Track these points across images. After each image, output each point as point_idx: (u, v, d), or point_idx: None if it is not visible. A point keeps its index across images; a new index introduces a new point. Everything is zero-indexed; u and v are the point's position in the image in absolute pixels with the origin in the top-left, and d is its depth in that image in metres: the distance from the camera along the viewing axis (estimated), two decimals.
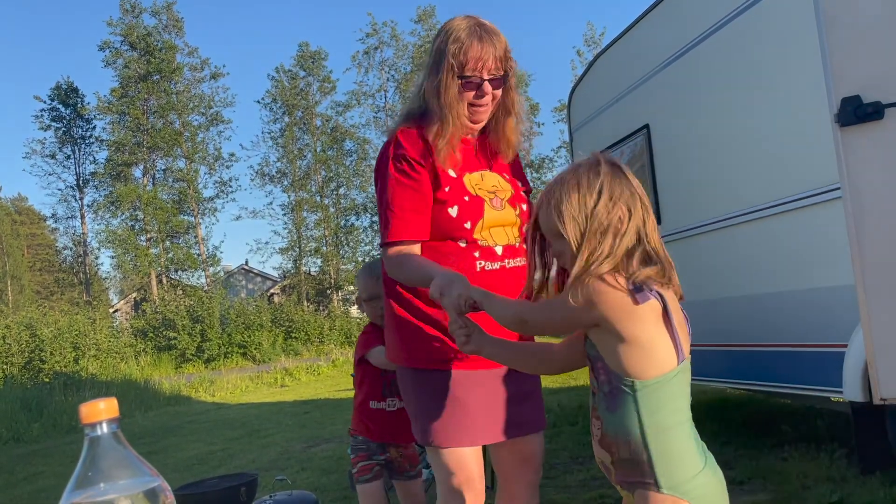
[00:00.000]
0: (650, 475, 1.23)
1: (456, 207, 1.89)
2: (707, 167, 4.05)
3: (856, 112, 2.61)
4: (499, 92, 1.87)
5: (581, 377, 7.44)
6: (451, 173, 1.90)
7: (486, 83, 1.84)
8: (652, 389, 1.23)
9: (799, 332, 3.45)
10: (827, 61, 2.68)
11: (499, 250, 1.91)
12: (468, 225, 1.89)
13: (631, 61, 4.83)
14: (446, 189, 1.88)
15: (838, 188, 2.75)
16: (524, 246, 1.88)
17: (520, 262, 1.91)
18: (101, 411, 0.76)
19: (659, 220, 4.62)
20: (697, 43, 4.02)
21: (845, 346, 3.03)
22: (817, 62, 2.77)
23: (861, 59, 2.65)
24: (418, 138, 1.89)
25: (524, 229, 1.41)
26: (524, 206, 1.98)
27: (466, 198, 1.90)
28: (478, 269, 1.89)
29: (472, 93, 1.85)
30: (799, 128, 3.29)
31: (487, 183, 1.95)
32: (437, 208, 1.88)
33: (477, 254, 1.89)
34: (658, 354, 1.23)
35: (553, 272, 1.41)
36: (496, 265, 1.91)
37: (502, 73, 1.85)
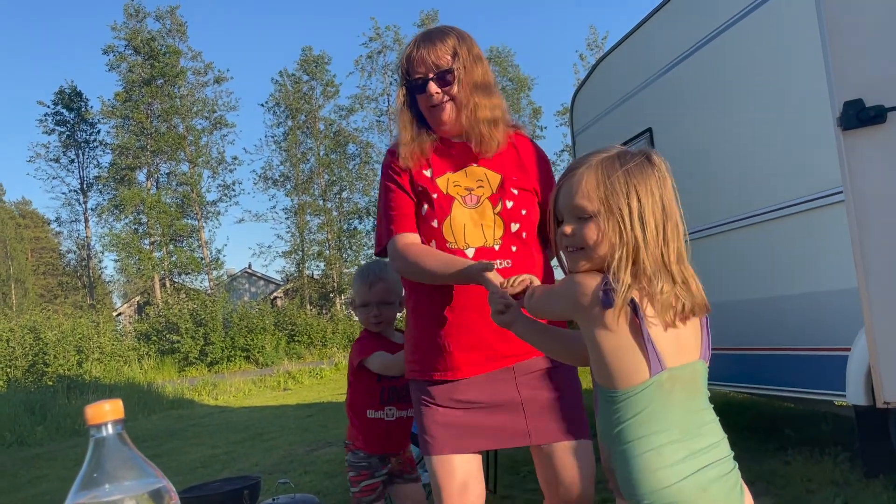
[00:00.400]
0: (619, 484, 1.20)
1: (425, 206, 1.91)
2: (710, 171, 4.06)
3: (858, 116, 2.62)
4: (451, 88, 1.87)
5: None
6: (426, 173, 1.93)
7: (430, 82, 1.86)
8: (620, 399, 1.19)
9: (802, 336, 3.45)
10: (829, 65, 2.69)
11: (470, 252, 1.85)
12: (435, 224, 1.89)
13: (634, 65, 4.84)
14: (419, 189, 1.92)
15: (841, 192, 2.75)
16: (514, 248, 1.88)
17: (498, 264, 1.82)
18: (106, 413, 0.77)
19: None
20: (700, 47, 4.03)
21: (848, 349, 3.03)
22: (819, 65, 2.78)
23: (863, 63, 2.66)
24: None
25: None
26: (509, 203, 1.88)
27: (435, 195, 1.90)
28: None
29: (422, 95, 1.89)
30: (801, 131, 3.29)
31: (470, 180, 1.92)
32: (416, 210, 1.94)
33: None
34: (623, 365, 1.18)
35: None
36: None
37: (445, 70, 1.86)
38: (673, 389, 1.18)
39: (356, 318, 20.26)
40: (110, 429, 0.77)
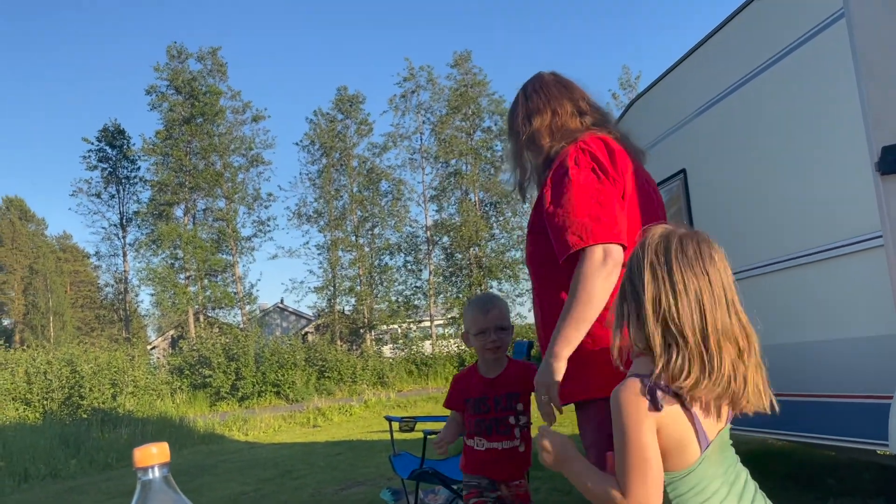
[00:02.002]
0: None
1: None
2: (744, 213, 4.02)
3: None
4: (509, 153, 2.20)
5: None
6: None
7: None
8: (677, 478, 1.26)
9: (843, 383, 3.37)
10: (867, 109, 2.68)
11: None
12: None
13: (668, 106, 4.85)
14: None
15: (880, 236, 2.71)
16: (532, 293, 2.07)
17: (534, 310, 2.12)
18: (153, 456, 0.79)
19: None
20: (735, 89, 4.03)
21: (891, 397, 2.95)
22: (857, 109, 2.76)
23: None
24: None
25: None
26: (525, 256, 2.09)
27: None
28: None
29: None
30: (838, 175, 3.26)
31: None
32: None
33: None
34: (675, 451, 1.24)
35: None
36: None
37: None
38: (713, 455, 1.28)
39: (387, 355, 20.37)
40: (157, 472, 0.80)
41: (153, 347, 31.75)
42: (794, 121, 3.56)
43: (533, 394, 1.93)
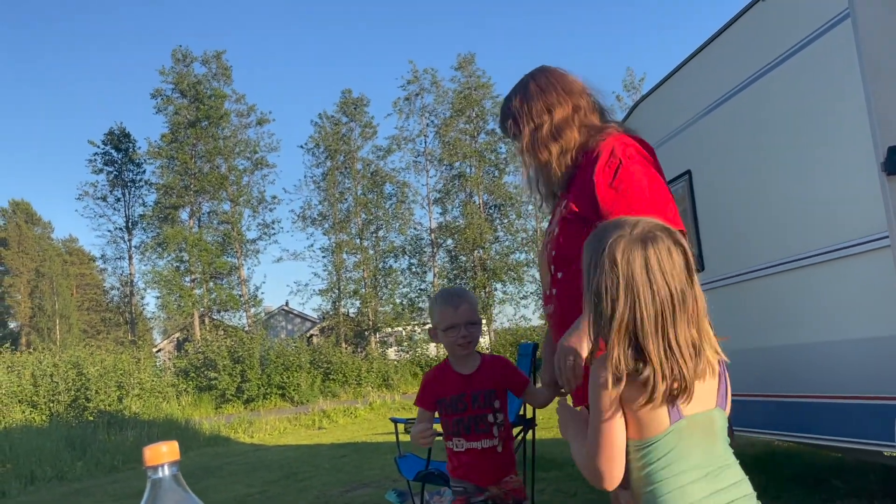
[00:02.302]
0: None
1: None
2: (750, 214, 4.02)
3: None
4: (524, 144, 2.07)
5: None
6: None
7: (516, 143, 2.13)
8: (645, 445, 1.31)
9: (849, 384, 3.36)
10: (872, 110, 2.67)
11: (546, 296, 2.05)
12: None
13: (672, 107, 4.85)
14: None
15: (886, 237, 2.71)
16: (554, 291, 1.97)
17: (551, 309, 2.00)
18: (163, 454, 0.80)
19: (701, 268, 4.57)
20: (740, 90, 4.03)
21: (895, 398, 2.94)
22: (862, 110, 2.76)
23: None
24: None
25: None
26: (549, 247, 2.02)
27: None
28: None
29: None
30: (844, 176, 3.25)
31: (553, 225, 2.09)
32: None
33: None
34: (646, 419, 1.30)
35: None
36: (544, 311, 2.08)
37: (512, 135, 2.11)
38: (689, 433, 1.30)
39: (392, 357, 20.37)
40: (167, 470, 0.80)
41: (159, 350, 31.83)
42: (800, 121, 3.55)
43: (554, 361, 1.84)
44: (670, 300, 1.26)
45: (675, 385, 1.25)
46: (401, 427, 4.76)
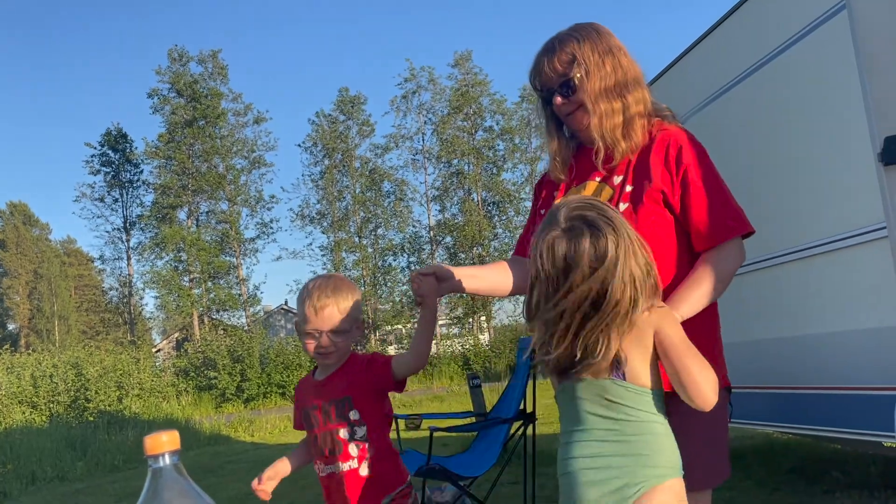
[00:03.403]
0: None
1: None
2: (748, 207, 4.01)
3: None
4: (576, 97, 1.81)
5: None
6: (554, 193, 1.94)
7: (555, 94, 1.84)
8: None
9: (848, 375, 3.37)
10: (869, 100, 2.68)
11: None
12: None
13: (670, 99, 4.85)
14: (542, 213, 1.97)
15: (884, 227, 2.71)
16: None
17: None
18: (164, 443, 0.80)
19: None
20: (736, 83, 4.03)
21: (895, 389, 2.95)
22: (859, 101, 2.76)
23: None
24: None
25: None
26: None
27: (543, 210, 1.94)
28: None
29: (552, 106, 1.88)
30: (842, 166, 3.26)
31: (584, 195, 1.88)
32: None
33: None
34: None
35: None
36: None
37: (566, 77, 1.81)
38: (561, 396, 1.53)
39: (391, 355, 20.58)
40: (167, 459, 0.80)
41: (158, 350, 31.84)
42: (796, 113, 3.56)
43: None
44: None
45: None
46: (401, 423, 4.77)
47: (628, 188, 1.77)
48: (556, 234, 1.40)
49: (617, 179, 1.80)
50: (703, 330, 1.73)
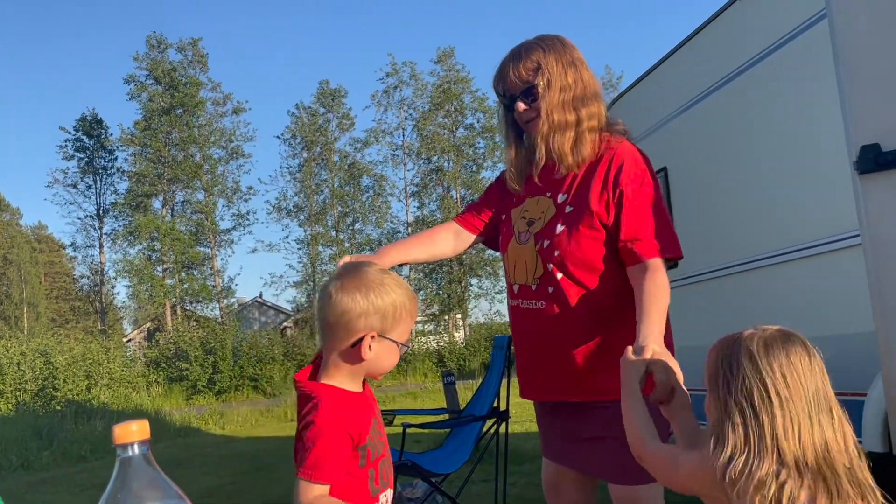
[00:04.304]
0: None
1: (500, 238, 2.03)
2: (725, 211, 4.06)
3: (876, 160, 2.62)
4: (537, 104, 1.84)
5: None
6: (514, 200, 1.99)
7: (518, 100, 1.88)
8: None
9: None
10: (846, 108, 2.70)
11: (515, 288, 1.93)
12: (502, 255, 2.00)
13: (649, 105, 4.88)
14: (502, 217, 2.04)
15: (858, 235, 2.74)
16: (550, 290, 1.81)
17: (534, 304, 1.86)
18: (133, 433, 0.78)
19: (676, 264, 4.62)
20: (717, 88, 4.07)
21: (865, 394, 3.00)
22: (837, 108, 2.79)
23: (881, 107, 2.67)
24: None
25: None
26: (546, 243, 1.83)
27: (505, 228, 1.99)
28: (509, 302, 2.00)
29: (514, 113, 1.91)
30: (818, 174, 3.30)
31: (534, 211, 1.91)
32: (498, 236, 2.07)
33: (507, 287, 1.99)
34: None
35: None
36: (513, 302, 1.95)
37: (530, 84, 1.84)
38: None
39: None
40: (136, 449, 0.78)
41: (129, 340, 31.44)
42: (776, 119, 3.60)
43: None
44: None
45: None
46: None
47: (568, 209, 1.84)
48: None
49: (561, 198, 1.87)
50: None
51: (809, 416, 1.17)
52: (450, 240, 2.09)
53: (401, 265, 2.12)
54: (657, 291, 1.70)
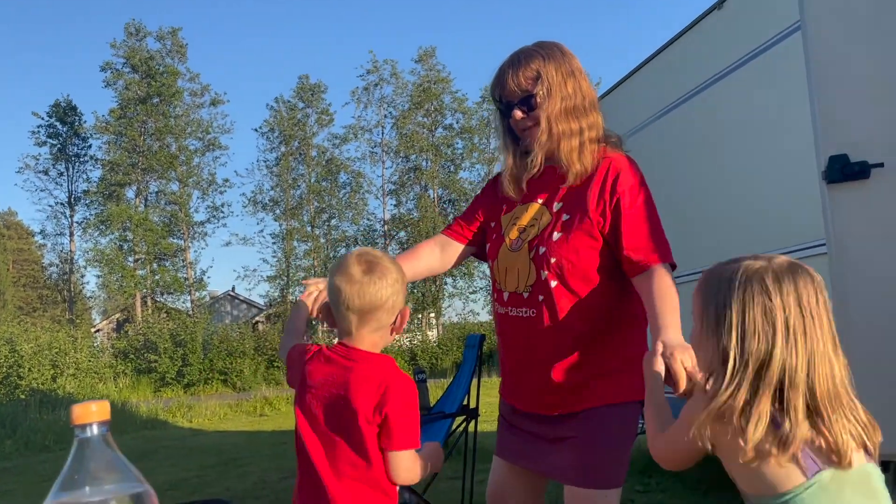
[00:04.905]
0: None
1: (488, 244, 1.99)
2: (696, 219, 4.12)
3: (843, 170, 2.68)
4: (535, 113, 1.82)
5: None
6: (503, 207, 1.96)
7: (515, 108, 1.85)
8: None
9: None
10: (816, 120, 2.76)
11: (505, 296, 1.89)
12: (490, 262, 1.96)
13: (623, 113, 4.93)
14: (491, 224, 1.99)
15: (824, 244, 2.80)
16: (541, 298, 1.79)
17: (524, 312, 1.83)
18: (92, 413, 0.78)
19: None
20: (689, 97, 4.12)
21: None
22: (807, 119, 2.85)
23: (849, 120, 2.73)
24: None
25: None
26: (542, 249, 1.81)
27: (495, 235, 1.96)
28: (496, 309, 1.95)
29: (510, 119, 1.88)
30: (787, 183, 3.36)
31: (526, 218, 1.89)
32: (484, 243, 2.03)
33: (495, 294, 1.94)
34: (773, 469, 1.13)
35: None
36: (502, 309, 1.91)
37: (528, 93, 1.82)
38: (843, 492, 1.11)
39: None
40: (95, 430, 0.78)
41: (97, 330, 30.98)
42: (747, 129, 3.65)
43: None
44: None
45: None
46: None
47: (565, 217, 1.82)
48: None
49: (556, 206, 1.84)
50: (632, 337, 1.88)
51: (826, 350, 1.16)
52: (435, 253, 2.05)
53: None
54: (668, 290, 1.71)
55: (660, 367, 1.46)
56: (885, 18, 2.70)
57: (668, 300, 1.70)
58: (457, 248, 2.06)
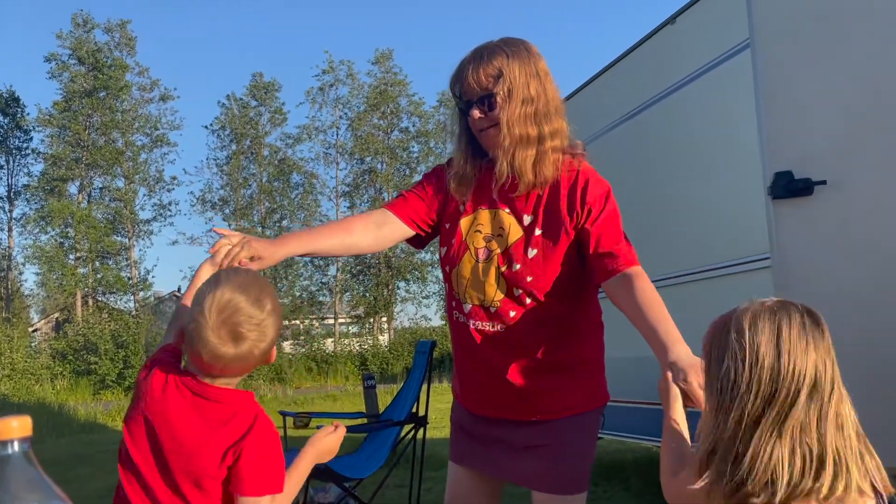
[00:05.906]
0: None
1: (444, 248, 1.85)
2: (648, 229, 4.18)
3: (787, 187, 2.75)
4: (494, 114, 1.70)
5: None
6: (460, 208, 1.82)
7: (473, 107, 1.73)
8: None
9: None
10: (763, 136, 2.82)
11: (466, 308, 1.80)
12: (447, 269, 1.84)
13: (584, 117, 4.98)
14: (446, 226, 1.85)
15: (768, 257, 2.87)
16: (511, 314, 1.73)
17: (490, 326, 1.77)
18: (13, 429, 0.73)
19: None
20: (643, 109, 4.18)
21: None
22: (754, 135, 2.91)
23: (795, 137, 2.80)
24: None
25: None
26: (516, 266, 1.72)
27: (454, 241, 1.82)
28: (454, 318, 1.86)
29: (468, 118, 1.76)
30: (734, 198, 3.43)
31: (490, 225, 1.78)
32: (440, 249, 1.89)
33: (454, 303, 1.84)
34: None
35: None
36: (462, 319, 1.83)
37: (488, 92, 1.70)
38: None
39: (287, 350, 19.68)
40: (16, 447, 0.73)
41: (35, 330, 29.95)
42: (697, 143, 3.72)
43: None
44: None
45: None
46: (290, 421, 4.66)
47: (538, 231, 1.73)
48: None
49: (527, 219, 1.74)
50: (594, 344, 1.88)
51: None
52: (369, 230, 1.84)
53: (311, 257, 1.88)
54: (656, 297, 1.64)
55: (676, 394, 1.38)
56: (832, 39, 2.77)
57: (660, 308, 1.63)
58: (399, 229, 1.86)
